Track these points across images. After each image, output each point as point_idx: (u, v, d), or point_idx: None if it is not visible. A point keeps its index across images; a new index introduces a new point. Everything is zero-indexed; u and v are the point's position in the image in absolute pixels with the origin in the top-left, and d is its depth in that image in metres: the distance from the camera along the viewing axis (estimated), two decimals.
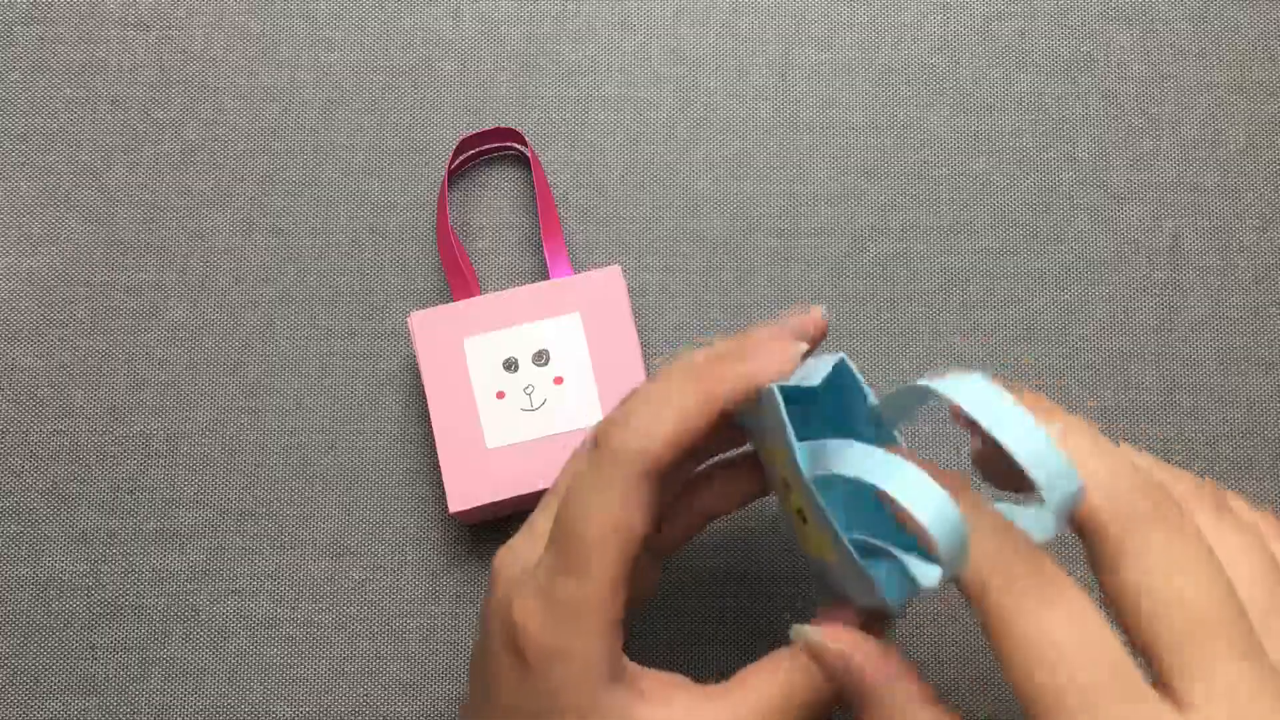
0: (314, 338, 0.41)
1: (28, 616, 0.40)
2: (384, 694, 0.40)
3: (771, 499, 0.40)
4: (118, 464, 0.41)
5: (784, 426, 0.27)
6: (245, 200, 0.42)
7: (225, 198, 0.42)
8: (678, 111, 0.42)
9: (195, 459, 0.41)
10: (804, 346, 0.28)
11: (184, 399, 0.41)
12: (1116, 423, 0.41)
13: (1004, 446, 0.24)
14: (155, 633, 0.40)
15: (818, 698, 0.28)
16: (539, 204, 0.40)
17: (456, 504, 0.37)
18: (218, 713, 0.40)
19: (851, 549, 0.26)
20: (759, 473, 0.33)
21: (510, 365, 0.38)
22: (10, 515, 0.40)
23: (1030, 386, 0.41)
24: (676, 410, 0.27)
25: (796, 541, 0.40)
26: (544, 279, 0.41)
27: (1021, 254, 0.41)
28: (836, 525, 0.27)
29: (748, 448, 0.39)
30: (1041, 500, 0.25)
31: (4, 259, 0.41)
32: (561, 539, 0.28)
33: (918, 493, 0.24)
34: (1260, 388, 0.41)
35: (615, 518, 0.27)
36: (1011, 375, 0.41)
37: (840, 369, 0.28)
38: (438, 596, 0.40)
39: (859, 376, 0.28)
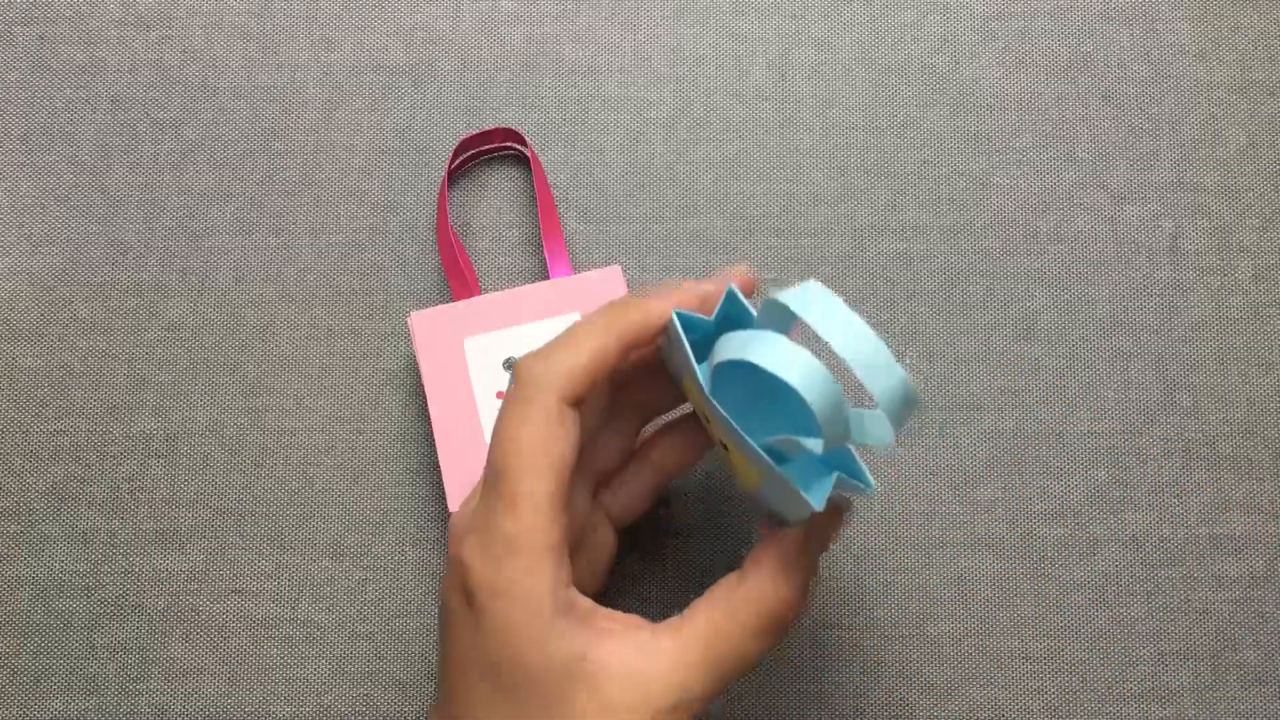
0: (314, 338, 0.41)
1: (28, 616, 0.40)
2: (384, 694, 0.40)
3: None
4: (118, 464, 0.41)
5: (683, 347, 0.29)
6: (245, 200, 0.42)
7: (225, 198, 0.42)
8: (678, 111, 0.42)
9: (195, 459, 0.41)
10: (706, 286, 0.30)
11: (184, 399, 0.41)
12: (1116, 423, 0.41)
13: (830, 344, 0.25)
14: (155, 633, 0.40)
15: (766, 616, 0.29)
16: (539, 204, 0.40)
17: (456, 504, 0.37)
18: (218, 713, 0.40)
19: (758, 448, 0.28)
20: (703, 427, 0.34)
21: (510, 365, 0.38)
22: (10, 515, 0.40)
23: None
24: (587, 343, 0.29)
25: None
26: (544, 279, 0.41)
27: (1021, 254, 0.41)
28: (740, 430, 0.28)
29: (690, 406, 0.39)
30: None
31: (4, 259, 0.41)
32: (490, 474, 0.29)
33: (785, 358, 0.26)
34: (1260, 388, 0.41)
35: (537, 444, 0.28)
36: (1012, 375, 0.41)
37: (729, 298, 0.29)
38: (437, 596, 0.40)
39: (746, 303, 0.29)
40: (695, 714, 0.29)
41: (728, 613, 0.29)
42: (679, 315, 0.29)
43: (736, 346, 0.27)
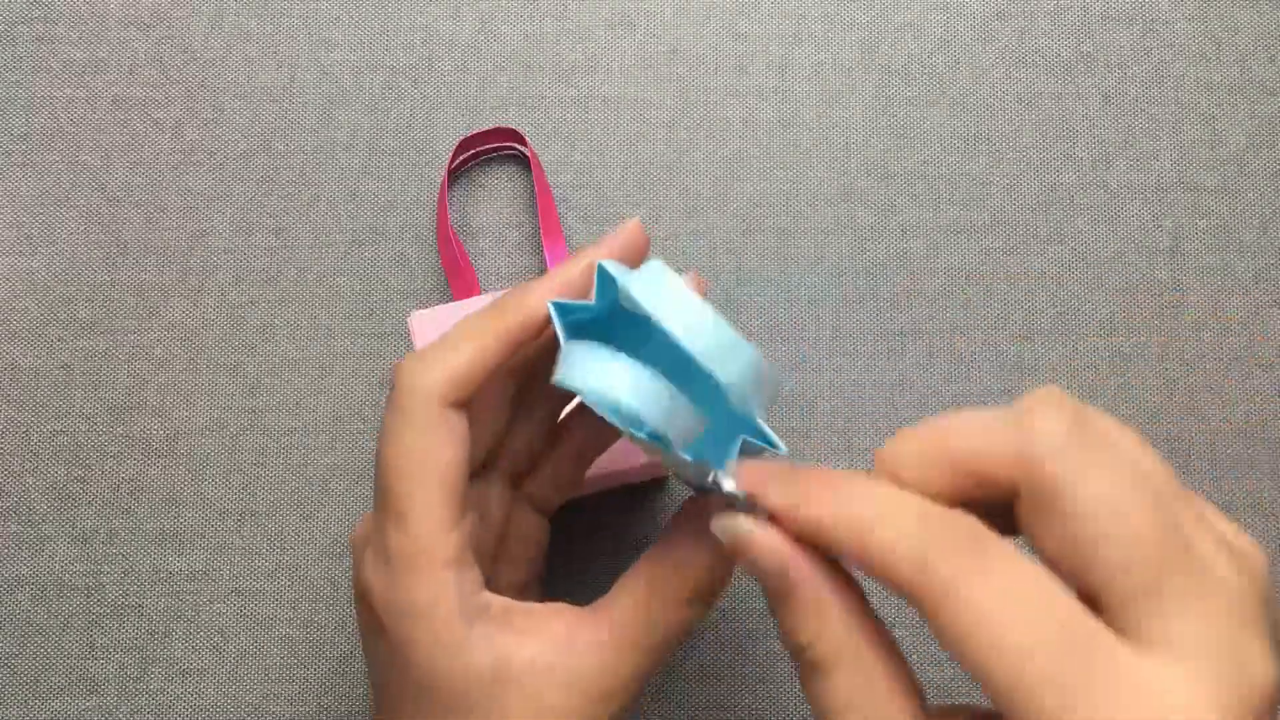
0: (314, 338, 0.41)
1: (28, 616, 0.40)
2: None
3: None
4: (118, 464, 0.41)
5: (560, 335, 0.27)
6: (245, 200, 0.42)
7: (225, 198, 0.42)
8: (678, 111, 0.42)
9: (195, 459, 0.41)
10: (583, 263, 0.28)
11: (184, 399, 0.41)
12: None
13: (666, 329, 0.24)
14: (155, 633, 0.40)
15: (692, 586, 0.28)
16: (539, 204, 0.40)
17: None
18: (218, 713, 0.40)
19: (639, 435, 0.26)
20: None
21: None
22: (10, 515, 0.40)
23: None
24: (467, 343, 0.27)
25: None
26: None
27: (1021, 254, 0.41)
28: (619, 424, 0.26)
29: None
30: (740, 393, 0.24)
31: (4, 259, 0.41)
32: (379, 489, 0.27)
33: (595, 378, 0.24)
34: (1260, 388, 0.41)
35: (421, 453, 0.27)
36: (1011, 375, 0.41)
37: (600, 276, 0.27)
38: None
39: (618, 277, 0.27)
40: (633, 694, 0.28)
41: (652, 587, 0.28)
42: (555, 306, 0.27)
43: (558, 363, 0.25)
